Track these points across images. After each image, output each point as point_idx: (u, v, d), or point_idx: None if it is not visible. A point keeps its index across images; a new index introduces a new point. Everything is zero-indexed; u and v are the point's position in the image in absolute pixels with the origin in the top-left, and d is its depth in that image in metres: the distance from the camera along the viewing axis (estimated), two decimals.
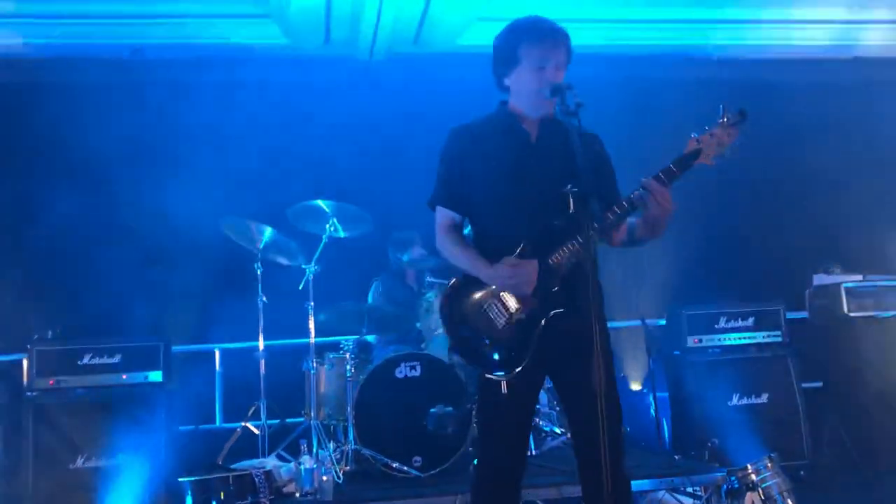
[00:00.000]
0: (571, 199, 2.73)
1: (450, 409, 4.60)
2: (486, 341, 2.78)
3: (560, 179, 2.70)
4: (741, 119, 2.66)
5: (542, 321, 2.72)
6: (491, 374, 2.76)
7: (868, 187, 6.65)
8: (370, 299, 5.49)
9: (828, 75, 6.93)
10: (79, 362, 4.91)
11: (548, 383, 3.51)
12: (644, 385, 5.90)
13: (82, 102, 6.01)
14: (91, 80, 6.22)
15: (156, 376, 5.03)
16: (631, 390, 6.04)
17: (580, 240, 2.66)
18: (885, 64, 6.92)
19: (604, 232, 2.71)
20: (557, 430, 5.02)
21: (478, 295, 2.81)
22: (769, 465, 4.21)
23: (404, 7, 5.85)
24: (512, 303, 2.76)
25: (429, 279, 5.10)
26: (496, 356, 2.76)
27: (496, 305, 2.78)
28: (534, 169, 2.82)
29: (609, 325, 5.99)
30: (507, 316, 2.76)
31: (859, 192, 6.64)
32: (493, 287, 2.78)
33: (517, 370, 2.72)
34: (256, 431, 5.03)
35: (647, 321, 5.40)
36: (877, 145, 6.73)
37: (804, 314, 5.97)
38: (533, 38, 2.82)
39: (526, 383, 2.78)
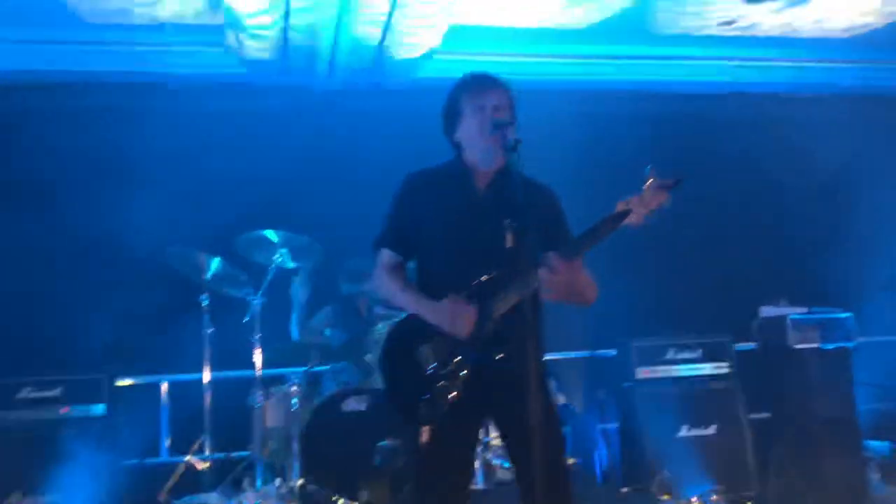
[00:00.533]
0: (510, 233, 2.74)
1: (398, 442, 4.55)
2: (414, 385, 2.77)
3: (502, 235, 2.70)
4: (674, 184, 2.60)
5: (472, 367, 2.72)
6: (414, 421, 2.75)
7: (814, 220, 6.80)
8: (316, 318, 5.42)
9: (774, 109, 7.09)
10: (16, 396, 4.78)
11: None
12: (593, 417, 5.90)
13: (27, 127, 5.94)
14: (40, 105, 6.13)
15: (98, 409, 4.91)
16: (580, 422, 6.03)
17: (519, 280, 2.65)
18: (827, 101, 7.11)
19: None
20: (507, 465, 4.99)
21: (413, 339, 2.82)
22: (715, 497, 4.23)
23: (360, 38, 5.87)
24: (443, 348, 2.75)
25: (378, 310, 5.07)
26: (423, 403, 2.75)
27: (428, 351, 2.78)
28: (479, 222, 2.83)
29: (558, 355, 6.10)
30: (437, 362, 2.75)
31: (805, 224, 6.78)
32: (431, 332, 2.78)
33: (439, 418, 2.71)
34: (200, 466, 4.93)
35: (597, 352, 5.43)
36: (822, 178, 6.88)
37: (752, 345, 6.04)
38: (471, 85, 2.92)
39: (461, 428, 2.77)
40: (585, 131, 6.40)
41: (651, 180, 2.60)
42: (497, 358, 2.69)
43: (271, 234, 4.94)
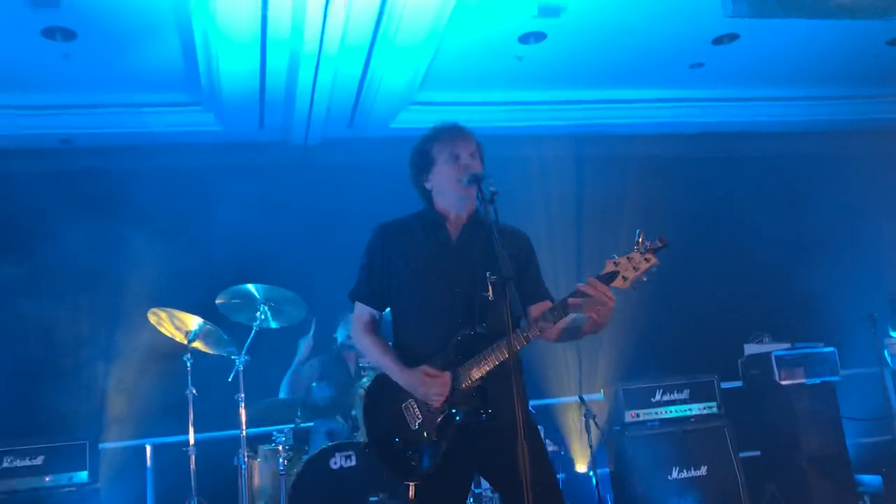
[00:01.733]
0: (490, 287, 2.75)
1: (393, 498, 4.49)
2: (399, 442, 2.75)
3: (480, 282, 2.71)
4: (661, 246, 2.62)
5: (456, 427, 2.71)
6: (401, 478, 2.72)
7: (791, 258, 6.88)
8: (306, 369, 5.37)
9: (751, 147, 7.23)
10: None
11: None
12: (588, 463, 5.87)
13: (10, 191, 5.90)
14: (20, 168, 6.13)
15: (81, 477, 4.84)
16: (572, 468, 6.00)
17: (502, 343, 2.64)
18: (812, 137, 7.25)
19: (532, 328, 2.70)
20: None
21: (397, 393, 2.80)
22: None
23: (337, 94, 5.95)
24: (429, 406, 2.74)
25: (363, 363, 5.04)
26: (408, 459, 2.73)
27: (412, 408, 2.77)
28: (453, 271, 2.84)
29: (547, 402, 6.07)
30: (422, 419, 2.74)
31: (782, 262, 6.86)
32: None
33: (425, 475, 2.69)
34: None
35: (586, 396, 5.41)
36: (802, 216, 6.98)
37: (739, 384, 6.06)
38: (442, 135, 2.94)
39: (450, 483, 2.74)
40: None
41: (640, 243, 2.62)
42: (483, 416, 2.69)
43: (253, 288, 4.91)
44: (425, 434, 2.72)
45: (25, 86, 5.71)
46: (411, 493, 2.73)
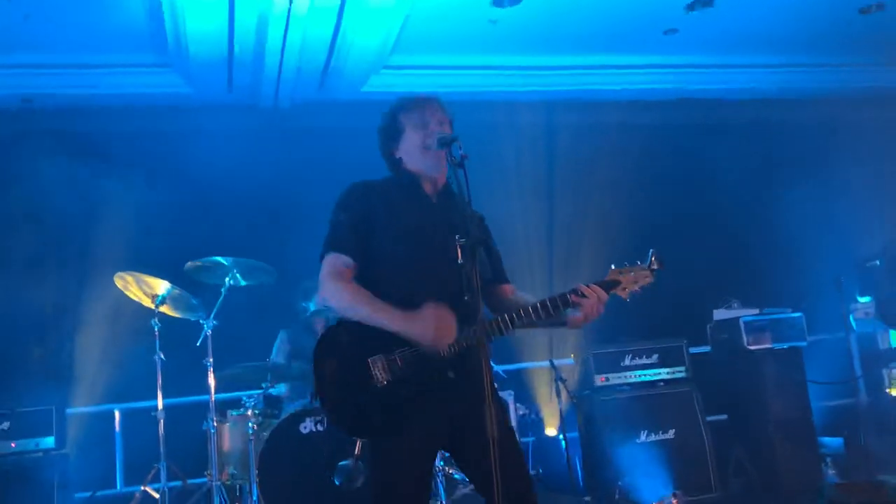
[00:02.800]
0: (459, 250, 2.71)
1: (359, 462, 4.50)
2: (360, 397, 2.67)
3: (455, 249, 2.67)
4: (660, 266, 2.82)
5: (424, 389, 2.67)
6: (359, 436, 2.70)
7: (763, 223, 6.93)
8: (274, 351, 5.36)
9: (723, 113, 7.25)
10: None
11: None
12: (557, 426, 5.93)
13: None
14: None
15: (48, 442, 4.80)
16: (544, 430, 6.06)
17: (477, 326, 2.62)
18: (785, 105, 7.29)
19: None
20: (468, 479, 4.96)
21: (359, 348, 2.69)
22: (675, 501, 4.27)
23: (307, 54, 5.84)
24: (399, 364, 2.69)
25: None
26: (369, 417, 2.67)
27: (381, 364, 2.70)
28: (435, 228, 2.79)
29: (518, 366, 6.10)
30: (391, 376, 2.67)
31: (755, 227, 6.92)
32: (383, 343, 2.70)
33: (389, 433, 2.66)
34: (156, 495, 4.81)
35: (556, 361, 5.44)
36: (774, 183, 7.03)
37: (707, 349, 6.13)
38: (410, 104, 2.89)
39: (417, 444, 2.71)
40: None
41: (652, 261, 2.81)
42: (450, 376, 2.68)
43: (223, 260, 4.84)
44: (391, 393, 2.67)
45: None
46: (357, 448, 2.70)
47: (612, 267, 2.81)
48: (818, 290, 6.15)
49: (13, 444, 4.73)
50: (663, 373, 5.62)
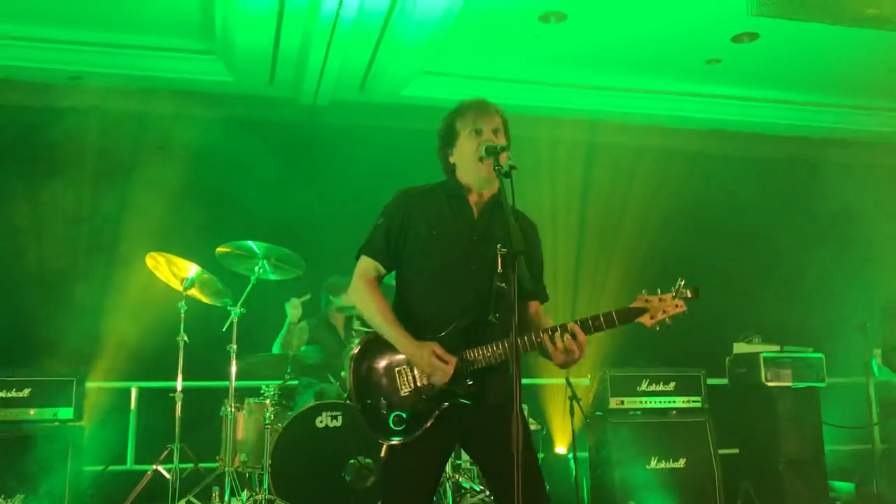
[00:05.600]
0: (500, 260, 2.75)
1: (369, 461, 4.53)
2: (384, 402, 2.76)
3: (493, 262, 2.70)
4: (692, 297, 2.68)
5: (442, 407, 2.72)
6: (379, 437, 2.74)
7: (789, 261, 6.91)
8: (286, 321, 5.38)
9: (761, 150, 7.25)
10: None
11: None
12: (568, 444, 5.92)
13: (17, 122, 5.86)
14: (26, 102, 6.08)
15: (66, 413, 4.83)
16: (554, 448, 6.05)
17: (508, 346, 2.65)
18: (819, 143, 7.27)
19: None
20: (477, 488, 4.98)
21: (393, 355, 2.79)
22: None
23: (351, 54, 5.90)
24: (423, 378, 2.76)
25: (356, 327, 5.04)
26: (391, 421, 2.74)
27: (406, 373, 2.78)
28: (472, 245, 2.82)
29: (533, 381, 6.10)
30: (414, 387, 2.75)
31: (781, 265, 6.89)
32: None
33: (399, 441, 2.71)
34: (168, 475, 4.85)
35: (572, 380, 5.43)
36: (804, 220, 7.01)
37: (724, 381, 6.10)
38: (466, 109, 2.91)
39: (427, 452, 2.76)
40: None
41: (679, 289, 2.68)
42: (470, 402, 2.71)
43: (255, 245, 4.90)
44: (414, 402, 2.74)
45: (34, 18, 5.64)
46: (384, 451, 2.75)
47: (643, 292, 2.71)
48: (841, 332, 6.11)
49: (32, 412, 4.77)
50: (679, 401, 5.60)
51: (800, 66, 6.36)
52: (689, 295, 2.68)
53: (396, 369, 2.78)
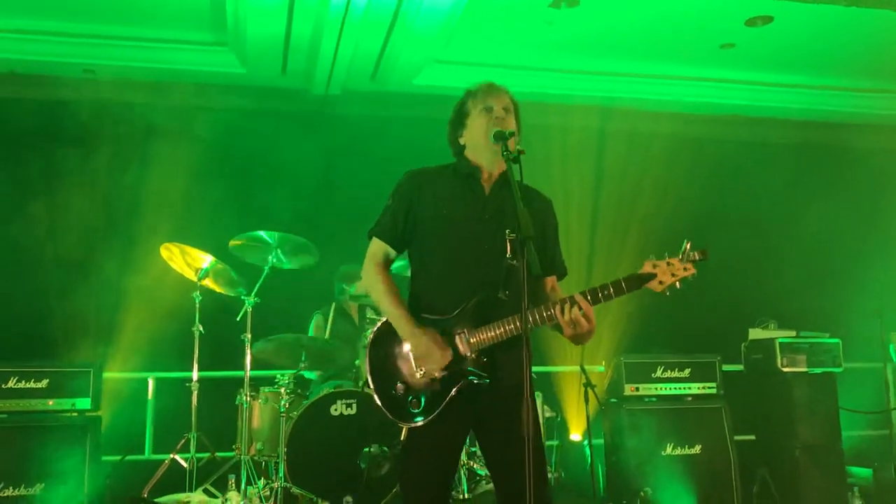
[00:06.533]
0: (509, 245, 2.74)
1: (385, 448, 4.54)
2: (400, 386, 2.78)
3: (505, 241, 2.70)
4: (701, 258, 2.67)
5: (457, 386, 2.73)
6: (398, 420, 2.76)
7: (805, 246, 6.86)
8: (310, 331, 5.42)
9: (776, 135, 7.18)
10: (3, 386, 4.75)
11: None
12: (583, 431, 5.92)
13: (33, 115, 5.91)
14: (40, 95, 6.12)
15: (84, 403, 4.88)
16: (569, 435, 6.05)
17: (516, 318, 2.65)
18: (834, 128, 7.20)
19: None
20: None
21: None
22: None
23: (363, 43, 5.90)
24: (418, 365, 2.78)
25: (370, 316, 5.06)
26: (407, 404, 2.76)
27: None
28: (483, 224, 2.83)
29: (548, 369, 6.10)
30: (425, 370, 2.76)
31: (796, 250, 6.84)
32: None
33: (420, 423, 2.73)
34: (185, 464, 4.89)
35: (587, 367, 5.43)
36: (819, 206, 6.95)
37: (740, 367, 6.08)
38: (476, 90, 2.94)
39: (443, 434, 2.77)
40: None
41: (685, 251, 2.67)
42: (487, 381, 2.72)
43: (267, 235, 4.92)
44: (429, 383, 2.75)
45: (48, 12, 5.67)
46: (403, 434, 2.76)
47: (651, 257, 2.71)
48: (858, 317, 6.07)
49: (50, 402, 4.82)
50: (694, 387, 5.58)
51: (815, 49, 6.28)
52: (698, 257, 2.67)
53: (410, 352, 2.79)
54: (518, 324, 2.67)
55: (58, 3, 5.54)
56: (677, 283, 2.67)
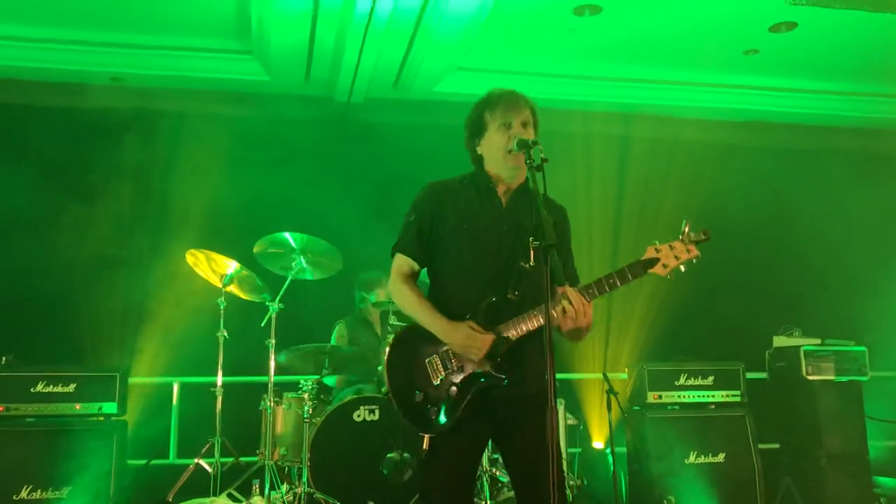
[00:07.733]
0: (532, 252, 2.75)
1: (407, 455, 4.56)
2: (419, 394, 2.79)
3: (525, 250, 2.71)
4: (704, 239, 2.66)
5: (476, 387, 2.74)
6: (419, 429, 2.77)
7: (829, 254, 6.79)
8: (333, 341, 5.45)
9: (802, 142, 7.14)
10: (31, 390, 4.82)
11: None
12: (605, 439, 5.90)
13: (58, 124, 6.00)
14: (68, 103, 6.21)
15: (110, 408, 4.94)
16: (592, 443, 6.03)
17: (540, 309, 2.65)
18: (861, 134, 7.15)
19: None
20: None
21: (422, 347, 2.83)
22: None
23: (386, 51, 5.93)
24: (453, 363, 2.78)
25: (392, 322, 5.08)
26: (427, 412, 2.77)
27: (437, 362, 2.80)
28: (501, 236, 2.84)
29: (571, 376, 6.09)
30: (445, 375, 2.77)
31: (820, 257, 6.78)
32: (440, 343, 2.80)
33: (442, 430, 2.74)
34: (209, 469, 4.93)
35: (609, 374, 5.41)
36: (844, 213, 6.89)
37: (764, 375, 6.03)
38: (495, 101, 2.90)
39: (464, 442, 2.78)
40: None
41: (685, 233, 2.66)
42: (505, 383, 2.72)
43: (291, 237, 4.95)
44: (446, 390, 2.76)
45: (77, 21, 5.76)
46: (425, 443, 2.77)
47: (655, 243, 2.69)
48: (884, 324, 6.00)
49: (77, 406, 4.89)
50: (718, 395, 5.55)
51: (839, 55, 6.24)
52: (703, 237, 2.66)
53: (427, 360, 2.81)
54: (541, 319, 2.65)
55: (86, 12, 5.63)
56: (681, 266, 2.66)
